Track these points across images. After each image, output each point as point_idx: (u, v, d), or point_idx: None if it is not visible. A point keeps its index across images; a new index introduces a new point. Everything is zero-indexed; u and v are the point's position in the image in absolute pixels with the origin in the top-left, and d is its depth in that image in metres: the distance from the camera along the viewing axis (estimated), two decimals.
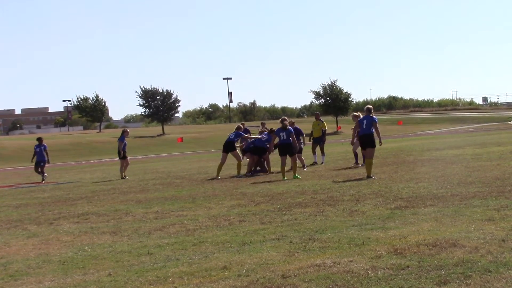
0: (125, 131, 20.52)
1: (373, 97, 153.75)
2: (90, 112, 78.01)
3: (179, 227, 8.50)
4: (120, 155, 19.80)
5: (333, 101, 67.64)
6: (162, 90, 73.18)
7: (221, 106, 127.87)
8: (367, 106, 14.91)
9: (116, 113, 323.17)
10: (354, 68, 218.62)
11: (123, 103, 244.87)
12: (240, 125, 19.19)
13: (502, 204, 8.47)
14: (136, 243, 7.51)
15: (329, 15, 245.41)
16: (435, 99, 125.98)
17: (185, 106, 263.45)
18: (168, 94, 73.22)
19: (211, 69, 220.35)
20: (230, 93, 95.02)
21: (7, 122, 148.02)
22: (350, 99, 69.67)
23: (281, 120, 16.10)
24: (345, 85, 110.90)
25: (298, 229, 7.64)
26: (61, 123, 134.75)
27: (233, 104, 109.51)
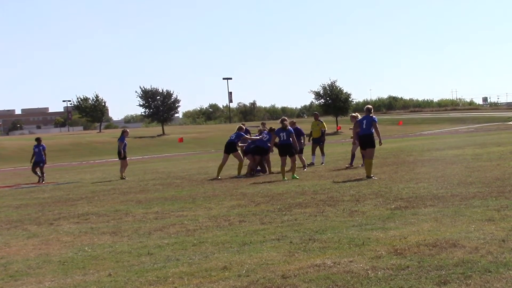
0: (125, 132, 20.50)
1: (373, 97, 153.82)
2: (90, 112, 78.01)
3: (179, 228, 8.50)
4: (120, 155, 19.79)
5: (333, 101, 67.72)
6: (162, 90, 73.28)
7: (221, 106, 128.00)
8: (367, 106, 14.92)
9: (116, 113, 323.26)
10: (354, 68, 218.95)
11: (123, 103, 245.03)
12: (241, 125, 19.18)
13: (502, 204, 8.47)
14: (136, 244, 7.51)
15: (329, 15, 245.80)
16: (435, 99, 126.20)
17: (185, 106, 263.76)
18: (168, 94, 73.24)
19: (211, 69, 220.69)
20: (230, 93, 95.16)
21: (7, 122, 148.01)
22: (350, 99, 69.77)
23: (281, 120, 16.09)
24: (345, 85, 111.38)
25: (298, 230, 7.64)
26: (61, 124, 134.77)
27: (233, 104, 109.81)
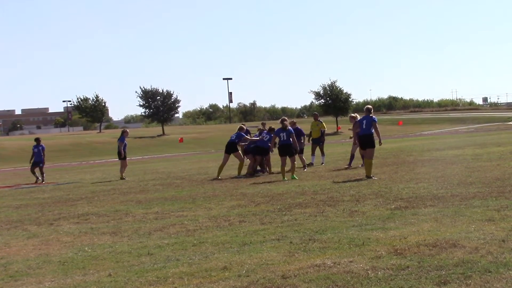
0: (124, 132, 20.49)
1: (373, 97, 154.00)
2: (90, 112, 77.97)
3: (179, 228, 8.51)
4: (120, 155, 19.78)
5: (333, 101, 67.67)
6: (162, 90, 73.24)
7: (221, 106, 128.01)
8: (367, 106, 14.92)
9: (116, 113, 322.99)
10: (354, 68, 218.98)
11: (123, 103, 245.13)
12: (242, 125, 19.19)
13: (502, 204, 8.47)
14: (136, 244, 7.51)
15: (329, 15, 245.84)
16: (435, 99, 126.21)
17: (185, 106, 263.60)
18: (168, 94, 73.22)
19: (211, 69, 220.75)
20: (230, 94, 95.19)
21: (7, 122, 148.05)
22: (350, 99, 69.67)
23: (281, 120, 16.09)
24: (345, 86, 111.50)
25: (298, 230, 7.64)
26: (61, 124, 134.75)
27: (233, 104, 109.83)
